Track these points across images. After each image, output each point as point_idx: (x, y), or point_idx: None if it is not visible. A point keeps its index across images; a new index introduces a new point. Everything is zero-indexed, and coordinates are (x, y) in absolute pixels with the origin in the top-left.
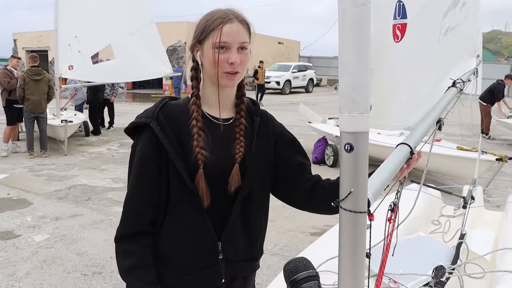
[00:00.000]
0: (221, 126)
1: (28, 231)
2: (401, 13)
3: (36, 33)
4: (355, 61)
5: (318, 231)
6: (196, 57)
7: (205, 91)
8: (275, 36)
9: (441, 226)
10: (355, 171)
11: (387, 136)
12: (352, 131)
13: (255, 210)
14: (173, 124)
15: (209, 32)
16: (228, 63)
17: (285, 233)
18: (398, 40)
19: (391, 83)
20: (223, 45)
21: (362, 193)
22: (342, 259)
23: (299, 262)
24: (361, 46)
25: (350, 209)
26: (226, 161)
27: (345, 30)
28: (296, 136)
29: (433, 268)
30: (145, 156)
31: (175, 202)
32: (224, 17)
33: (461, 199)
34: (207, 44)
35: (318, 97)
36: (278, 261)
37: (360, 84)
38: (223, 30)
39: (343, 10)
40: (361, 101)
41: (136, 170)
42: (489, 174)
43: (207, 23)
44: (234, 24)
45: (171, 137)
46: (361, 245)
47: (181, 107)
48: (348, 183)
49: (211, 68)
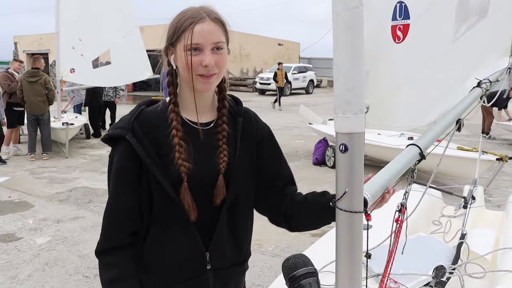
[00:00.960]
0: (201, 131)
1: (29, 234)
2: (403, 13)
3: (36, 36)
4: (349, 63)
5: (319, 232)
6: (171, 61)
7: (183, 96)
8: (275, 38)
9: (442, 226)
10: (350, 171)
11: (387, 137)
12: (346, 132)
13: (242, 217)
14: (151, 134)
15: (180, 34)
16: (202, 65)
17: (286, 234)
18: (399, 41)
19: (392, 83)
20: (195, 47)
21: (358, 193)
22: (339, 259)
23: (298, 259)
24: (354, 48)
25: (346, 209)
26: (209, 171)
27: (338, 32)
28: (296, 138)
29: (433, 268)
30: (122, 166)
31: (160, 214)
32: (195, 16)
33: (462, 199)
34: (179, 47)
35: (318, 98)
36: (279, 262)
37: (354, 85)
38: (194, 31)
39: (337, 14)
40: (355, 102)
41: (114, 180)
42: (489, 174)
43: (178, 24)
44: (206, 23)
45: (149, 148)
46: (357, 245)
47: (159, 114)
48: (343, 183)
49: (185, 72)
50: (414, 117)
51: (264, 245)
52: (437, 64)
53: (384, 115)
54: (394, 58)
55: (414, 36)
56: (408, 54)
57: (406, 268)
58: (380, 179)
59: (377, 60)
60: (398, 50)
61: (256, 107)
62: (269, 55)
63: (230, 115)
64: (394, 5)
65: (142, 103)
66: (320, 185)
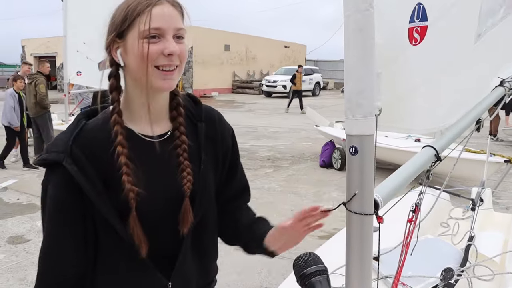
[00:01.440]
0: (157, 145)
1: (38, 236)
2: (421, 15)
3: (44, 39)
4: (359, 66)
5: (327, 234)
6: (116, 57)
7: (131, 103)
8: (281, 40)
9: (449, 229)
10: (360, 173)
11: (394, 139)
12: (356, 134)
13: (209, 237)
14: (94, 156)
15: (133, 20)
16: (164, 54)
17: None
18: (416, 43)
19: (408, 86)
20: (154, 33)
21: (368, 195)
22: (349, 261)
23: (309, 257)
24: (364, 51)
25: (356, 211)
26: (170, 195)
27: (349, 35)
28: (303, 140)
29: (441, 270)
30: (59, 200)
31: (107, 252)
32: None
33: (470, 201)
34: (131, 36)
35: (325, 101)
36: (287, 264)
37: (364, 88)
38: (153, 13)
39: (347, 16)
40: (366, 105)
41: (49, 217)
42: (497, 176)
43: (129, 9)
44: (166, 6)
45: (92, 175)
46: (367, 247)
47: (102, 128)
48: (353, 185)
49: (139, 66)
50: (434, 120)
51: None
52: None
53: (399, 117)
54: (411, 61)
55: (433, 37)
56: (426, 56)
57: (414, 270)
58: (392, 181)
59: (391, 63)
60: (415, 52)
61: (262, 109)
62: (275, 58)
63: (189, 121)
64: (413, 6)
65: (81, 115)
66: (327, 187)
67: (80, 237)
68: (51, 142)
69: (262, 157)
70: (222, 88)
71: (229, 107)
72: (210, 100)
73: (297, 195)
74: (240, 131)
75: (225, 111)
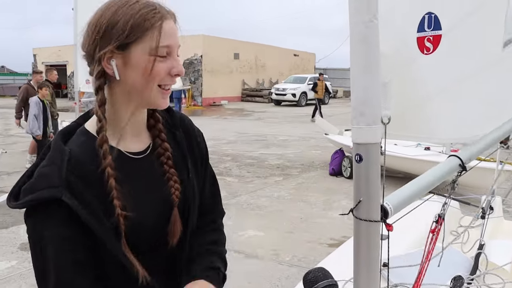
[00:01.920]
0: (142, 160)
1: None
2: (433, 24)
3: (55, 48)
4: (363, 76)
5: (336, 242)
6: (109, 68)
7: (115, 119)
8: (290, 49)
9: (459, 237)
10: (365, 181)
11: (404, 147)
12: (361, 142)
13: None
14: (90, 183)
15: (143, 32)
16: (170, 74)
17: (303, 244)
18: (428, 52)
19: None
20: (166, 50)
21: (374, 202)
22: (357, 268)
23: (318, 272)
24: (368, 61)
25: (362, 217)
26: (158, 207)
27: (354, 45)
28: (312, 148)
29: (451, 279)
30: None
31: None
32: (158, 11)
33: (480, 210)
34: (137, 50)
35: (334, 109)
36: (296, 272)
37: (369, 97)
38: (163, 30)
39: (352, 27)
40: (370, 113)
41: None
42: (508, 185)
43: (135, 20)
44: (171, 22)
45: (93, 206)
46: (374, 254)
47: (87, 150)
48: (359, 192)
49: (141, 82)
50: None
51: (281, 255)
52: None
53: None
54: (423, 70)
55: (449, 46)
56: (441, 65)
57: (424, 278)
58: (406, 190)
59: (400, 72)
60: (428, 62)
61: (271, 117)
62: (284, 66)
63: (167, 130)
64: (422, 16)
65: (58, 139)
66: (337, 195)
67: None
68: (35, 178)
69: (272, 165)
70: (232, 97)
71: (239, 115)
72: (219, 109)
73: (307, 203)
74: (249, 139)
75: (234, 119)
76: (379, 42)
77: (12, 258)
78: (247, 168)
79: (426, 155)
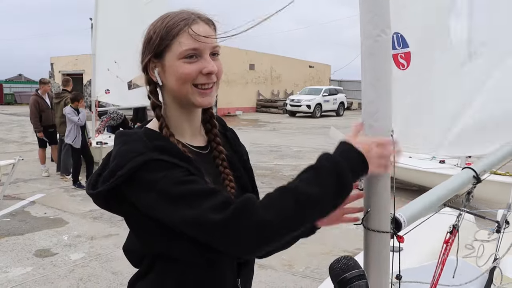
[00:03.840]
0: (205, 156)
1: (64, 250)
2: (401, 43)
3: (72, 57)
4: (371, 89)
5: (349, 254)
6: (154, 76)
7: (171, 119)
8: (306, 60)
9: (474, 250)
10: (375, 192)
11: (419, 160)
12: None
13: None
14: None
15: (170, 40)
16: (203, 74)
17: (317, 255)
18: (404, 68)
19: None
20: (192, 53)
21: (384, 213)
22: (368, 278)
23: (350, 260)
24: (377, 75)
25: (370, 227)
26: None
27: (363, 59)
28: None
29: None
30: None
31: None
32: (186, 18)
33: (495, 224)
34: (169, 56)
35: (349, 121)
36: (309, 283)
37: (376, 110)
38: (188, 35)
39: (362, 41)
40: (377, 126)
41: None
42: None
43: (165, 30)
44: (201, 25)
45: (191, 162)
46: (384, 265)
47: None
48: (368, 203)
49: (179, 86)
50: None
51: (294, 266)
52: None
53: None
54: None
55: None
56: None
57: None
58: (420, 202)
59: None
60: (404, 77)
61: (286, 128)
62: (299, 77)
63: (221, 132)
64: (392, 35)
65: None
66: None
67: None
68: (123, 153)
69: (286, 176)
70: (247, 107)
71: (253, 125)
72: (234, 119)
73: None
74: (264, 150)
75: (249, 130)
76: (389, 56)
77: (27, 264)
78: (261, 179)
79: (441, 168)
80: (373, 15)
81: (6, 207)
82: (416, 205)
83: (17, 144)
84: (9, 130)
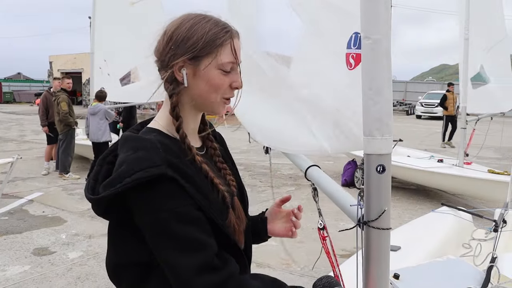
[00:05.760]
0: (205, 157)
1: (62, 248)
2: (358, 43)
3: (71, 55)
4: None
5: (347, 253)
6: (179, 76)
7: (185, 120)
8: None
9: (472, 250)
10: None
11: (417, 159)
12: (383, 153)
13: None
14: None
15: (214, 48)
16: (231, 87)
17: (315, 255)
18: (351, 67)
19: None
20: (231, 66)
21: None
22: (367, 276)
23: (331, 278)
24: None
25: (374, 225)
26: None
27: (365, 62)
28: (325, 159)
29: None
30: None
31: None
32: (229, 30)
33: (493, 223)
34: (207, 62)
35: None
36: (307, 282)
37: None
38: (231, 48)
39: (363, 43)
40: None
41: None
42: None
43: (209, 36)
44: (238, 39)
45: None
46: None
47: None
48: (380, 202)
49: (209, 93)
50: None
51: (292, 265)
52: None
53: None
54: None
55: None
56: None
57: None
58: None
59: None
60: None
61: None
62: None
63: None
64: (350, 35)
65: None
66: None
67: None
68: (134, 161)
69: (284, 175)
70: None
71: None
72: (232, 118)
73: None
74: (262, 149)
75: None
76: (389, 59)
77: (25, 263)
78: (260, 178)
79: (439, 167)
80: None
81: (4, 205)
82: None
83: (15, 142)
84: (8, 129)
